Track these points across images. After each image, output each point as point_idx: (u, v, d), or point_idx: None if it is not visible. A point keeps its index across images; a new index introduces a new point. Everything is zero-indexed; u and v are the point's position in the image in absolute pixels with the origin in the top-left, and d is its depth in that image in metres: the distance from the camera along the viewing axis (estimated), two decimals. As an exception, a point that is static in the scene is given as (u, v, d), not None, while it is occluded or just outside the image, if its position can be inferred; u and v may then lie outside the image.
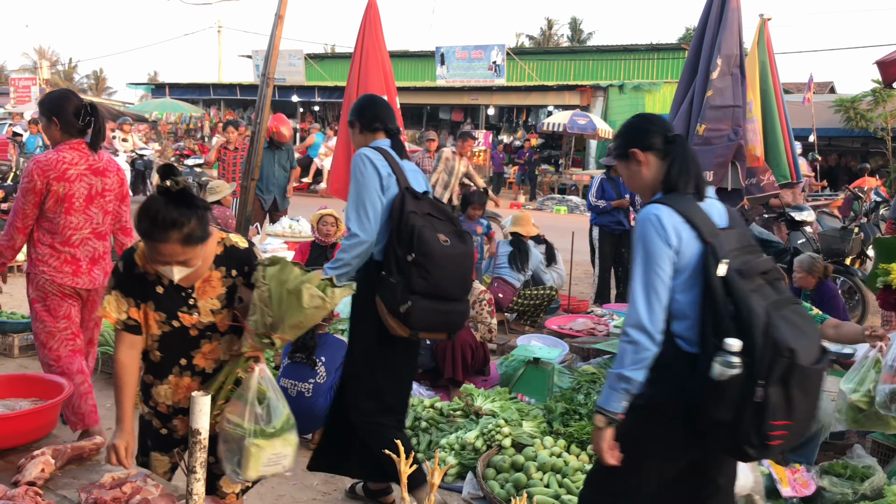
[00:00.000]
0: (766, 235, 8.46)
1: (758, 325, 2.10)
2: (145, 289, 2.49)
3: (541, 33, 47.94)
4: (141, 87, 37.34)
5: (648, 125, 2.50)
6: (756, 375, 2.10)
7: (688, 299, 2.27)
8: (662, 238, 2.25)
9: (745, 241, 2.35)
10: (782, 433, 2.16)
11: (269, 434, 2.34)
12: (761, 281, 2.25)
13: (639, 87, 25.07)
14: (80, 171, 3.69)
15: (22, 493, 2.28)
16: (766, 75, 5.80)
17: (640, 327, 2.26)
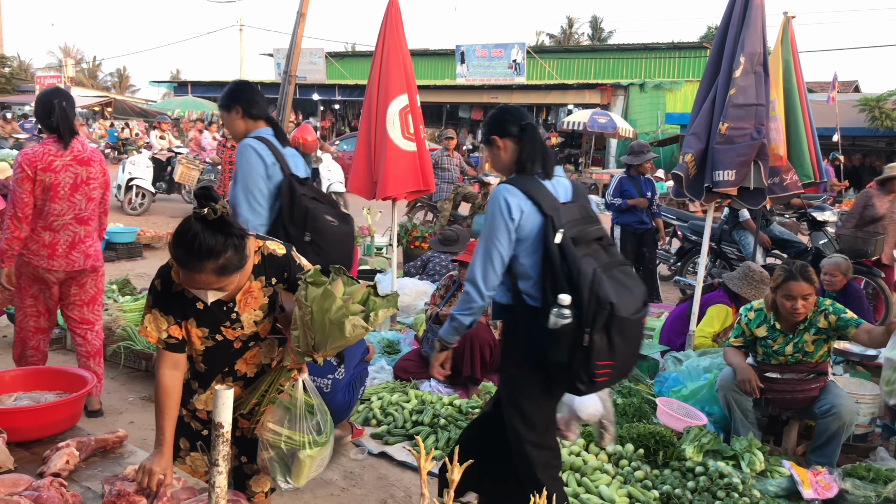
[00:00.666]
0: (787, 235, 8.39)
1: (585, 283, 2.51)
2: (185, 306, 2.39)
3: (561, 32, 47.78)
4: (164, 85, 37.68)
5: (507, 116, 2.92)
6: (583, 324, 2.51)
7: (531, 262, 2.70)
8: (504, 214, 2.68)
9: (584, 213, 2.75)
10: (606, 372, 2.57)
11: (321, 443, 2.37)
12: (596, 246, 2.68)
13: (660, 85, 24.94)
14: (65, 161, 4.00)
15: (47, 485, 2.31)
16: (790, 74, 5.74)
17: (474, 284, 2.77)
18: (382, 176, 6.04)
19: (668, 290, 9.38)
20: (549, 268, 2.60)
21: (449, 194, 11.37)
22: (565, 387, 2.73)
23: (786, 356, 4.13)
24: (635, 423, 4.19)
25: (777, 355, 4.14)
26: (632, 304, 2.58)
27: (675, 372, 4.85)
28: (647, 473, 3.74)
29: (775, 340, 4.13)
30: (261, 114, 3.57)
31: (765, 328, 4.17)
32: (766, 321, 4.17)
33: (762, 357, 4.21)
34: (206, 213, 2.10)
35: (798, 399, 4.13)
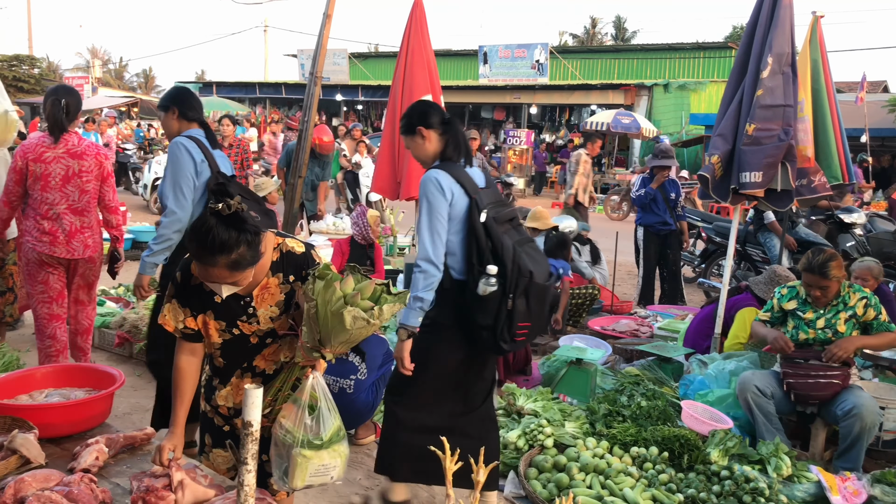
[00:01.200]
0: (813, 237, 8.29)
1: (508, 256, 2.91)
2: (203, 299, 2.45)
3: (584, 32, 47.60)
4: (189, 85, 38.01)
5: (431, 109, 3.22)
6: (507, 291, 2.90)
7: (457, 239, 3.05)
8: (441, 193, 3.00)
9: (496, 197, 3.16)
10: (524, 332, 3.00)
11: (317, 445, 2.30)
12: (508, 226, 3.07)
13: (684, 86, 24.74)
14: (57, 154, 4.25)
15: (77, 480, 2.34)
16: (819, 74, 5.68)
17: (428, 260, 3.00)
18: (406, 176, 6.06)
19: (691, 292, 9.31)
20: (476, 243, 2.97)
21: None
22: (489, 347, 3.06)
23: (816, 330, 4.19)
24: (660, 426, 4.17)
25: (808, 327, 4.22)
26: (543, 273, 3.02)
27: (701, 375, 4.81)
28: (672, 477, 3.72)
29: (805, 313, 4.26)
30: (195, 117, 3.80)
31: (795, 302, 4.32)
32: (798, 296, 4.33)
33: (792, 332, 4.26)
34: (220, 208, 2.15)
35: (820, 385, 4.07)
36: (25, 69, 36.82)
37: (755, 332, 4.50)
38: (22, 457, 2.48)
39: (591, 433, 4.25)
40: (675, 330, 6.30)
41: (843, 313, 4.18)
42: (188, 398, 2.55)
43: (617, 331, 6.49)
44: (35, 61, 39.10)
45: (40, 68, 39.67)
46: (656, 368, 5.28)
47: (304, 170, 5.22)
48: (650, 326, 6.59)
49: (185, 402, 2.53)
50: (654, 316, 7.04)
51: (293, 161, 5.32)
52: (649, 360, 5.45)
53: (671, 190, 7.85)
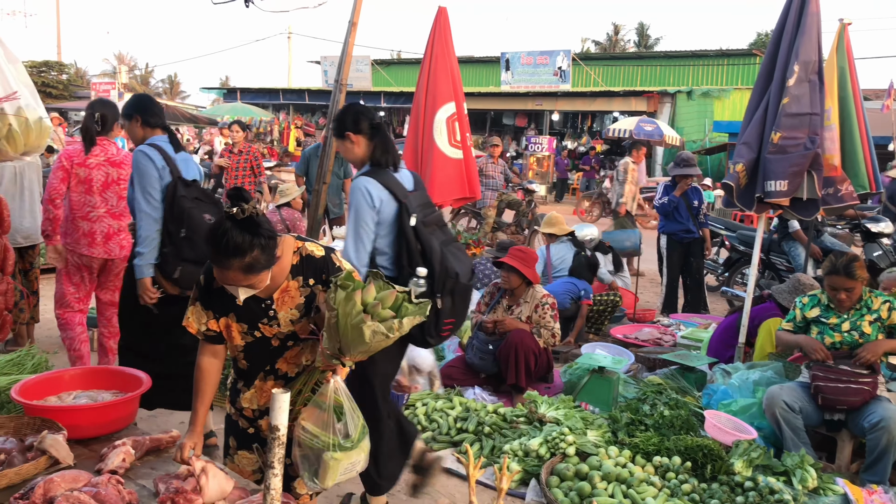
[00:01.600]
0: (838, 246, 8.19)
1: (436, 258, 3.09)
2: (225, 302, 2.50)
3: (607, 38, 47.47)
4: (213, 92, 38.38)
5: (360, 114, 3.30)
6: (436, 291, 3.08)
7: (387, 241, 3.22)
8: (368, 203, 3.16)
9: (424, 200, 3.31)
10: (449, 328, 3.21)
11: (348, 448, 2.36)
12: (435, 227, 3.24)
13: (707, 93, 24.57)
14: (99, 161, 4.53)
15: (105, 481, 2.38)
16: (846, 82, 5.62)
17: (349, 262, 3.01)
18: (429, 183, 6.07)
19: (714, 300, 9.23)
20: (406, 246, 3.14)
21: (493, 201, 11.38)
22: (418, 342, 3.24)
23: (842, 333, 4.18)
24: (683, 436, 4.14)
25: (833, 332, 4.20)
26: (467, 273, 3.21)
27: (724, 384, 4.77)
28: (695, 487, 3.69)
29: (829, 318, 4.24)
30: (157, 123, 4.00)
31: (818, 309, 4.32)
32: (820, 303, 4.33)
33: (817, 337, 4.24)
34: (234, 212, 2.20)
35: (851, 391, 4.01)
36: (54, 75, 37.43)
37: (782, 340, 4.47)
38: (51, 457, 2.53)
39: (613, 442, 4.24)
40: (698, 339, 6.26)
41: (868, 316, 4.17)
42: (208, 398, 2.61)
43: (639, 339, 6.45)
44: (63, 67, 39.73)
45: (68, 74, 40.29)
46: (679, 377, 5.24)
47: (329, 176, 5.25)
48: (673, 335, 6.54)
49: (205, 401, 2.60)
50: (677, 324, 6.99)
51: (318, 167, 5.36)
52: (672, 368, 5.41)
53: (694, 198, 7.80)
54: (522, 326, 5.11)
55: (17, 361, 4.10)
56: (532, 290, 5.28)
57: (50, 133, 2.71)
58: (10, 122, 2.20)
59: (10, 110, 2.43)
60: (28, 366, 4.06)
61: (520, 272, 5.17)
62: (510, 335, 5.03)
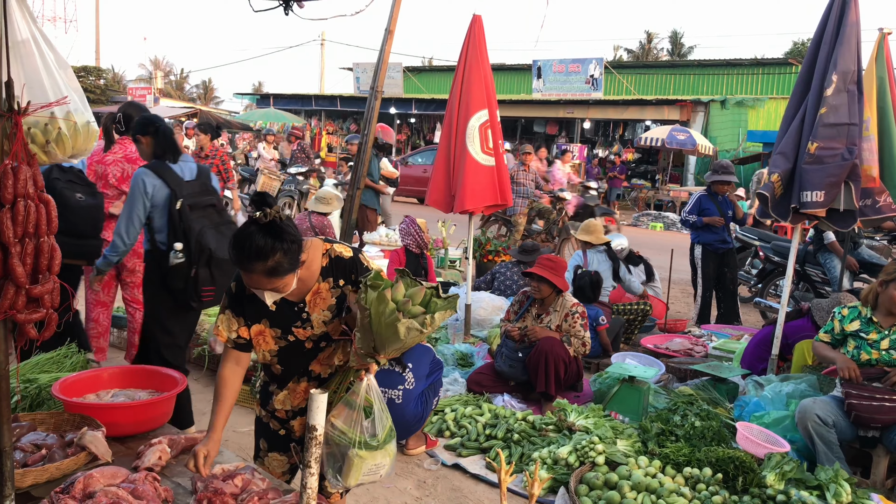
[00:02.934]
0: (876, 259, 8.06)
1: (193, 235, 3.72)
2: (258, 307, 2.52)
3: (640, 47, 47.14)
4: (246, 97, 38.84)
5: (145, 120, 4.00)
6: (192, 262, 3.73)
7: (162, 222, 3.81)
8: (141, 191, 3.77)
9: (202, 188, 3.92)
10: (210, 294, 3.81)
11: (373, 447, 2.37)
12: (211, 210, 3.89)
13: (742, 102, 24.31)
14: (117, 157, 4.87)
15: (142, 478, 2.43)
16: (885, 92, 5.53)
17: (119, 236, 3.85)
18: (461, 190, 6.10)
19: (747, 311, 9.13)
20: (172, 225, 3.76)
21: (523, 209, 11.37)
22: (182, 304, 3.86)
23: (880, 351, 4.09)
24: (714, 447, 4.10)
25: (871, 348, 4.11)
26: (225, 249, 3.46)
27: (756, 397, 4.72)
28: (726, 499, 3.65)
29: (869, 334, 4.15)
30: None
31: (858, 322, 4.22)
32: (861, 316, 4.23)
33: (853, 352, 4.17)
34: (258, 216, 2.23)
35: (885, 409, 3.94)
36: (92, 80, 38.17)
37: (818, 353, 4.41)
38: (90, 453, 2.58)
39: (642, 452, 4.21)
40: (730, 350, 6.19)
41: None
42: (228, 406, 2.60)
43: (670, 349, 6.40)
44: (101, 72, 40.50)
45: (106, 79, 41.06)
46: (710, 388, 5.19)
47: (363, 182, 5.29)
48: (704, 346, 6.48)
49: (224, 409, 2.58)
50: (709, 335, 6.93)
51: (353, 174, 5.40)
52: (703, 379, 5.35)
53: (729, 207, 7.70)
54: (552, 334, 5.09)
55: (57, 360, 4.19)
56: (562, 298, 5.27)
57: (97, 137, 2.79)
58: (59, 126, 2.27)
59: (60, 114, 2.49)
60: (66, 364, 4.14)
61: (550, 281, 5.16)
62: (540, 343, 5.02)
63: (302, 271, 2.42)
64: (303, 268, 2.42)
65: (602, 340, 6.25)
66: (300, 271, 2.41)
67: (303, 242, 2.38)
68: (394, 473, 3.63)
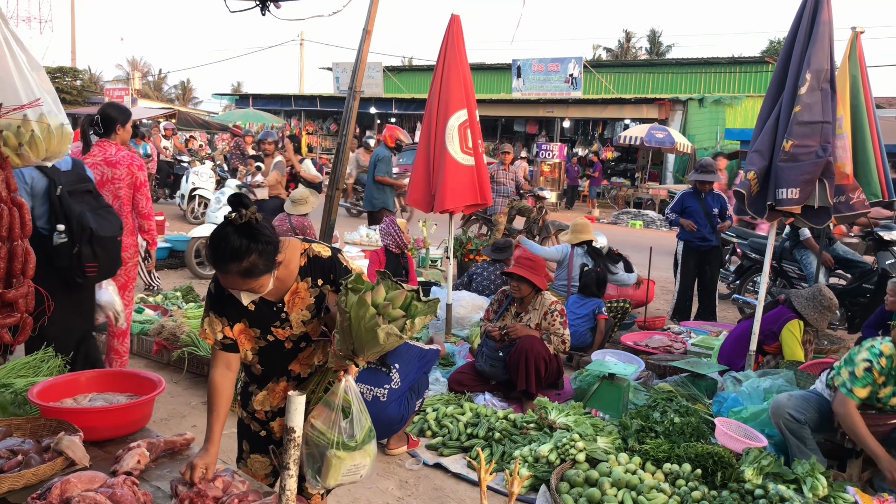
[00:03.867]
0: (851, 255, 8.16)
1: (74, 217, 3.92)
2: (238, 308, 2.51)
3: (619, 46, 47.42)
4: (225, 98, 38.64)
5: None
6: (74, 242, 3.92)
7: (43, 209, 3.95)
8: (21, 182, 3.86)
9: (76, 178, 4.10)
10: (94, 270, 4.05)
11: (351, 447, 2.36)
12: (89, 197, 4.12)
13: (719, 100, 24.53)
14: (96, 160, 4.72)
15: (120, 482, 2.40)
16: (858, 90, 5.62)
17: None
18: (440, 189, 6.11)
19: (725, 308, 9.21)
20: (53, 210, 3.95)
21: (504, 208, 11.40)
22: (69, 280, 4.00)
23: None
24: (693, 443, 4.14)
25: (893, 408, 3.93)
26: (109, 230, 4.06)
27: (735, 392, 4.77)
28: (705, 494, 3.69)
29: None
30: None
31: (892, 387, 3.84)
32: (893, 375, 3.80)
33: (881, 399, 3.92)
34: (233, 217, 2.22)
35: (882, 430, 3.97)
36: (68, 81, 37.74)
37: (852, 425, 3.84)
38: (67, 458, 2.55)
39: (623, 448, 4.24)
40: (708, 346, 6.25)
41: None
42: (223, 414, 2.57)
43: (650, 346, 6.45)
44: (78, 73, 40.05)
45: (82, 80, 40.61)
46: (690, 385, 5.24)
47: (342, 182, 5.28)
48: (684, 342, 6.54)
49: (220, 418, 2.56)
50: (688, 332, 6.99)
51: (332, 174, 5.39)
52: (683, 376, 5.41)
53: (713, 205, 7.76)
54: (532, 332, 5.12)
55: (34, 364, 4.15)
56: (541, 297, 5.29)
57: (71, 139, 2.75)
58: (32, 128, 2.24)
59: (33, 116, 2.46)
60: (44, 368, 4.10)
61: (529, 281, 5.18)
62: (520, 342, 5.04)
63: (280, 271, 2.42)
64: (280, 267, 2.41)
65: (599, 328, 6.39)
66: (278, 271, 2.40)
67: (280, 242, 2.37)
68: (375, 474, 3.65)
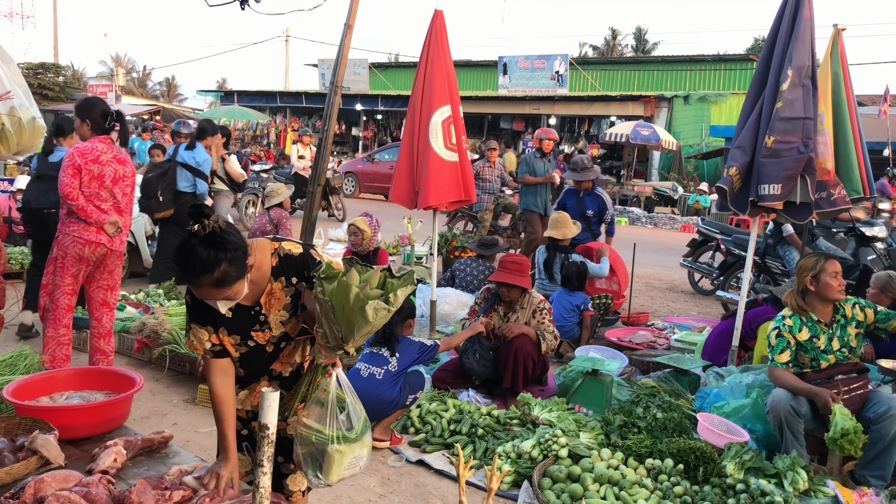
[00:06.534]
0: (833, 250, 8.22)
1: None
2: (216, 316, 2.48)
3: (605, 43, 47.53)
4: (210, 94, 38.37)
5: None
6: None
7: None
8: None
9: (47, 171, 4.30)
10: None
11: (352, 439, 2.36)
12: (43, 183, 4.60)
13: (704, 97, 24.65)
14: (108, 158, 4.68)
15: (96, 481, 2.38)
16: (839, 87, 5.64)
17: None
18: (424, 186, 6.09)
19: (709, 304, 9.26)
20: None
21: (489, 205, 11.39)
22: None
23: (834, 353, 4.13)
24: (675, 438, 4.15)
25: (825, 354, 4.13)
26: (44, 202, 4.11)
27: (717, 388, 4.79)
28: (687, 489, 3.69)
29: (819, 338, 4.14)
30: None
31: (806, 330, 4.16)
32: (805, 322, 4.17)
33: (811, 364, 4.17)
34: (196, 229, 2.16)
35: (855, 398, 4.04)
36: (51, 77, 37.38)
37: (787, 383, 4.10)
38: (42, 457, 2.52)
39: (605, 444, 4.24)
40: (691, 342, 6.27)
41: (850, 327, 4.17)
42: (232, 421, 2.54)
43: (633, 342, 6.47)
44: (60, 69, 39.66)
45: (65, 76, 40.23)
46: (673, 380, 5.26)
47: (323, 178, 5.25)
48: (667, 338, 6.56)
49: (230, 425, 2.52)
50: (672, 328, 7.01)
51: (313, 170, 5.36)
52: (666, 371, 5.42)
53: (590, 206, 7.74)
54: (527, 331, 5.10)
55: (10, 362, 4.11)
56: (528, 296, 5.29)
57: (43, 133, 2.70)
58: (2, 122, 2.20)
59: (4, 110, 2.44)
60: (20, 366, 4.06)
61: (517, 286, 5.21)
62: (511, 342, 5.03)
63: (252, 274, 2.38)
64: (253, 270, 2.38)
65: (585, 324, 6.41)
66: (251, 274, 2.36)
67: (248, 246, 2.34)
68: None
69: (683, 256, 10.15)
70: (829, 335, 4.15)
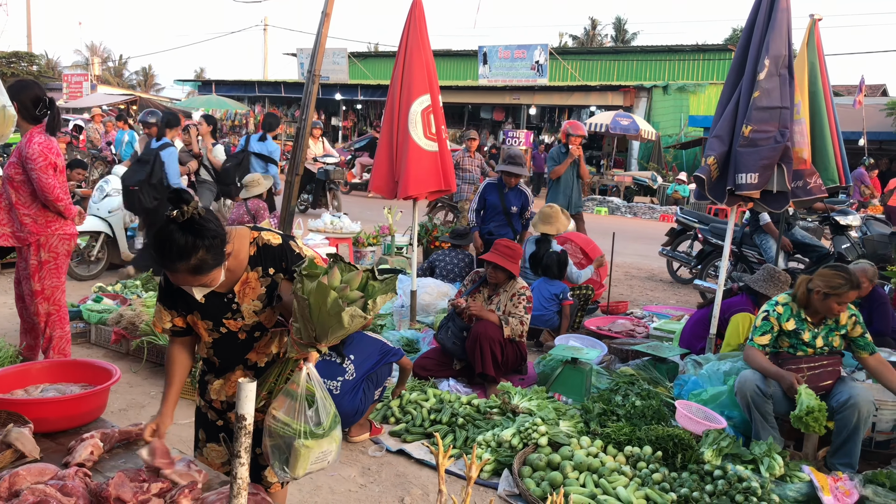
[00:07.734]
0: (809, 239, 8.31)
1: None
2: (188, 300, 2.47)
3: (584, 33, 47.59)
4: (188, 84, 37.98)
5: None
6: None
7: None
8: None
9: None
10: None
11: (319, 435, 2.34)
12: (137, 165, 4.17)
13: (683, 87, 24.78)
14: (61, 149, 4.59)
15: (72, 474, 2.35)
16: (816, 77, 5.69)
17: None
18: (404, 176, 6.07)
19: (687, 293, 9.33)
20: None
21: (470, 195, 11.39)
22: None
23: (815, 348, 4.21)
24: (654, 426, 4.18)
25: (806, 347, 4.21)
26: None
27: (695, 375, 4.83)
28: (665, 476, 3.73)
29: (804, 332, 4.21)
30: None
31: (793, 321, 4.23)
32: (795, 314, 4.24)
33: (789, 349, 4.24)
34: (175, 215, 2.14)
35: (825, 374, 4.14)
36: (24, 66, 36.75)
37: (758, 364, 4.21)
38: (17, 451, 2.49)
39: (585, 432, 4.27)
40: (670, 330, 6.32)
41: (838, 332, 4.23)
42: (178, 380, 2.62)
43: (613, 331, 6.51)
44: (34, 58, 39.00)
45: (39, 65, 39.56)
46: (651, 368, 5.30)
47: (302, 168, 5.22)
48: (646, 327, 6.61)
49: (175, 383, 2.61)
50: (650, 316, 7.06)
51: (291, 160, 5.32)
52: (644, 360, 5.46)
53: (514, 202, 7.54)
54: (487, 315, 5.13)
55: (-15, 355, 4.05)
56: (513, 281, 5.34)
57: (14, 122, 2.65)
58: (-28, 111, 2.17)
59: (-27, 99, 2.42)
60: (-5, 359, 4.01)
61: (505, 269, 5.23)
62: (475, 326, 5.07)
63: (229, 261, 2.37)
64: (230, 258, 2.37)
65: (564, 313, 6.42)
66: (227, 261, 2.35)
67: (227, 234, 2.32)
68: (338, 461, 3.63)
69: (662, 246, 10.22)
70: (815, 333, 4.22)
